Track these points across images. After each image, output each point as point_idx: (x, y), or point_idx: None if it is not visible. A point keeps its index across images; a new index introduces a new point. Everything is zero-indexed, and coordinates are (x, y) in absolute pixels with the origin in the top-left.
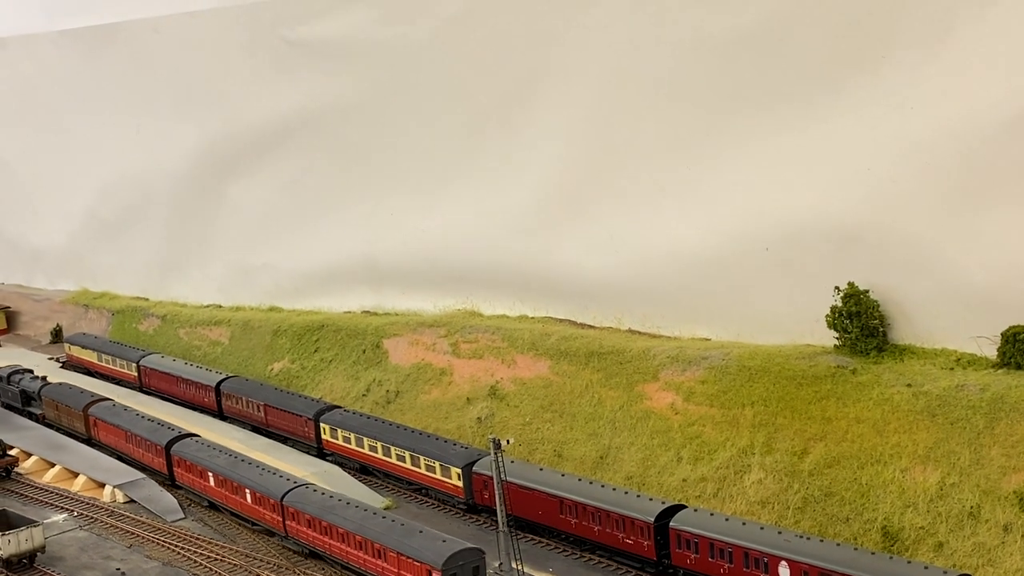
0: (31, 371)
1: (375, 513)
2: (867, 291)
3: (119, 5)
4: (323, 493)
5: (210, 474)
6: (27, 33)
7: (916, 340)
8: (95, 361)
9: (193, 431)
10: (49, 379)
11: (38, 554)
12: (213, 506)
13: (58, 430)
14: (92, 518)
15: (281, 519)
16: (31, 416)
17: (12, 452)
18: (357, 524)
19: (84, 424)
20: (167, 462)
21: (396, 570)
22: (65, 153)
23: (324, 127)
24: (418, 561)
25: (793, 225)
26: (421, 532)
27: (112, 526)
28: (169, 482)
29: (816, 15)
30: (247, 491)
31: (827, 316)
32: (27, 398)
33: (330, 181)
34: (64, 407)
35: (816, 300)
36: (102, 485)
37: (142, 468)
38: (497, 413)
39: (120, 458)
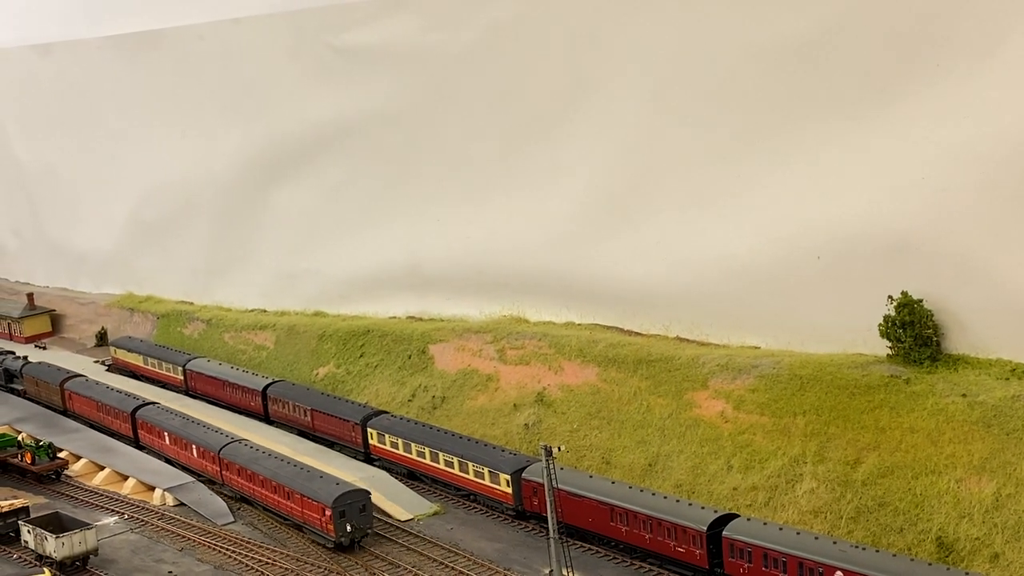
0: (13, 352)
1: (288, 463)
2: (921, 300)
3: (164, 12)
4: (253, 448)
5: (165, 434)
6: (73, 39)
7: (970, 350)
8: (141, 364)
9: (242, 435)
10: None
11: (91, 557)
12: (170, 462)
13: (37, 403)
14: (143, 521)
15: (219, 469)
16: (14, 392)
17: (61, 455)
18: (272, 472)
19: (60, 397)
20: (132, 426)
21: (300, 509)
22: (110, 158)
23: (369, 133)
24: (315, 500)
25: (845, 234)
26: (321, 477)
27: (163, 529)
28: (135, 444)
29: (868, 24)
30: (193, 446)
31: (880, 325)
32: (9, 376)
33: (375, 187)
34: (43, 383)
35: (868, 309)
36: (152, 488)
37: (111, 434)
38: (544, 420)
39: (92, 426)
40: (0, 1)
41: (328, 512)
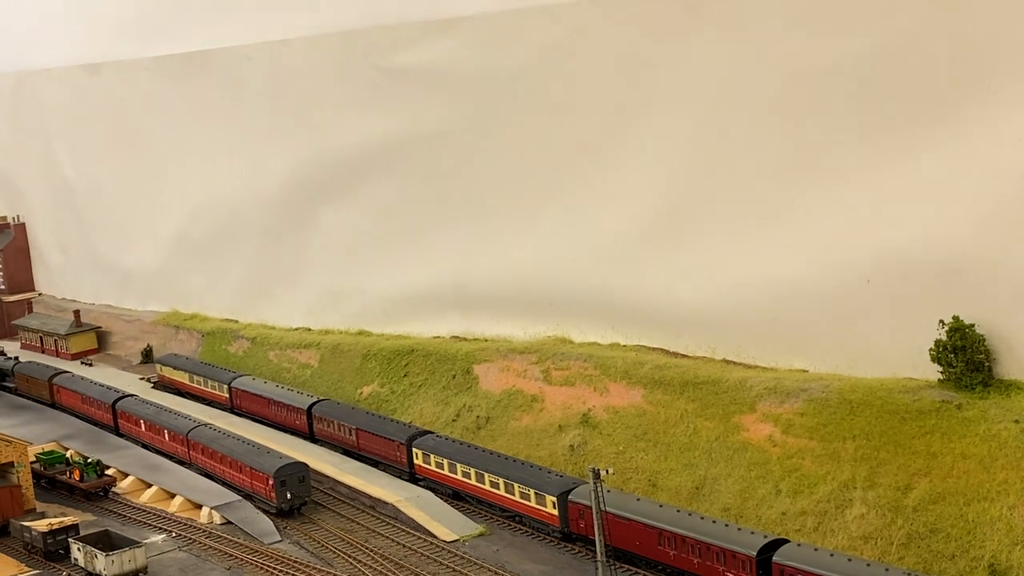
0: (4, 353)
1: (243, 442)
2: (972, 325)
3: (212, 32)
4: (216, 430)
5: (141, 421)
6: (122, 59)
7: (1023, 375)
8: (186, 382)
9: (287, 453)
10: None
11: (140, 574)
12: (145, 447)
13: (28, 398)
14: (191, 539)
15: (187, 450)
16: (6, 390)
17: (109, 472)
18: (228, 449)
19: (49, 392)
20: (113, 416)
21: (249, 480)
22: (157, 176)
23: (416, 154)
24: (260, 471)
25: (896, 257)
26: (268, 453)
27: (210, 547)
28: (115, 432)
29: (922, 46)
30: (165, 431)
31: (931, 350)
32: (2, 375)
33: (421, 207)
34: (33, 379)
35: (919, 333)
36: (199, 506)
37: (94, 423)
38: (590, 441)
39: (77, 416)
40: (51, 22)
41: (271, 481)
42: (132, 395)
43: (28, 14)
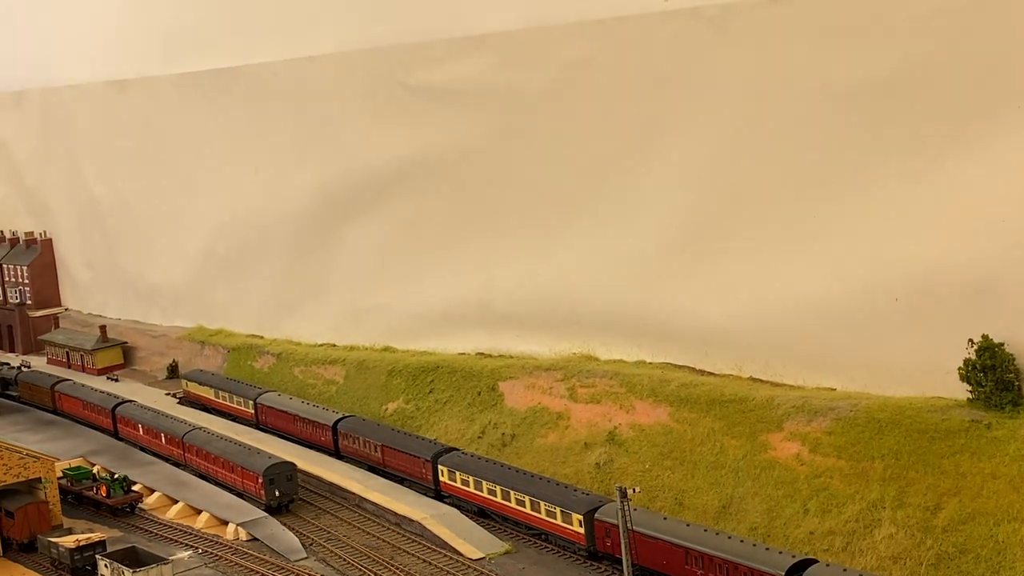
0: (8, 363)
1: (235, 444)
2: (1002, 344)
3: (239, 49)
4: (209, 433)
5: (139, 426)
6: (148, 75)
7: None
8: (212, 398)
9: (312, 470)
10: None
11: None
12: (144, 450)
13: (31, 406)
14: (217, 556)
15: (182, 452)
16: (10, 398)
17: (135, 488)
18: (221, 450)
19: (51, 399)
20: (112, 421)
21: (241, 479)
22: (183, 192)
23: (442, 171)
24: (250, 470)
25: (924, 275)
26: (258, 454)
27: (236, 564)
28: (115, 436)
29: (948, 65)
30: (162, 435)
31: (960, 369)
32: (5, 384)
33: (447, 224)
34: (36, 387)
35: (947, 352)
36: (225, 522)
37: (94, 427)
38: (616, 459)
39: (78, 421)
40: (78, 38)
41: (260, 480)
42: (130, 401)
43: (55, 31)
